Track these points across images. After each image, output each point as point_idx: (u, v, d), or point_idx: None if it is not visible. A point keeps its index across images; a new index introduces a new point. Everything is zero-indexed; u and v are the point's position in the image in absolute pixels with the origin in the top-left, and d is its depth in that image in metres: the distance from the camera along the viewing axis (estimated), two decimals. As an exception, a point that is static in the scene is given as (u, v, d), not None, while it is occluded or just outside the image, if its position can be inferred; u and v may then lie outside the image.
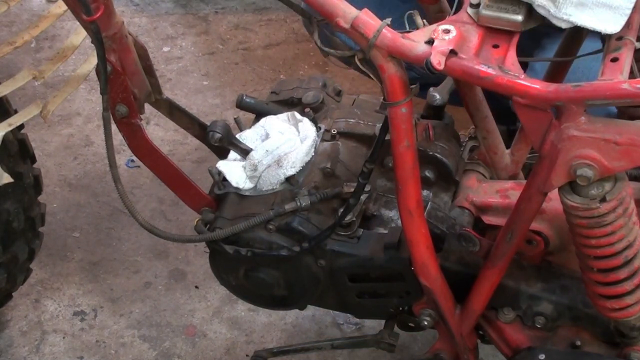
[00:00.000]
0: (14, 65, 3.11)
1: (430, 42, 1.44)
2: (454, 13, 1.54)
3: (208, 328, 2.45)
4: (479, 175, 1.85)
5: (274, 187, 1.83)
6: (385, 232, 1.81)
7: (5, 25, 3.37)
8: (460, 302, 1.78)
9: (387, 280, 1.82)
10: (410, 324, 1.92)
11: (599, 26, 1.42)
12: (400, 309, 1.89)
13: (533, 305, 1.75)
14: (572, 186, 1.48)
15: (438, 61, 1.41)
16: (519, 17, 1.45)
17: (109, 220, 2.72)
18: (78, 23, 1.75)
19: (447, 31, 1.45)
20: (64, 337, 2.43)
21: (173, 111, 1.98)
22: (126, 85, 1.78)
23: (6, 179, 2.00)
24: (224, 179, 1.86)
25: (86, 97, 3.11)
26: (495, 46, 1.46)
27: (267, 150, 1.81)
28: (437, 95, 1.89)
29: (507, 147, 1.91)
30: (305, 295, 1.90)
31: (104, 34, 1.68)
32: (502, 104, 1.84)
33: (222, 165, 1.86)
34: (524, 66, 1.44)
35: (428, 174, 1.81)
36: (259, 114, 1.96)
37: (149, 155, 1.89)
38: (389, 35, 1.47)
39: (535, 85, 1.40)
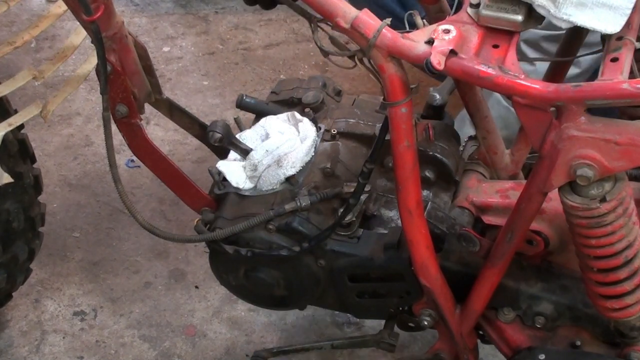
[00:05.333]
0: (14, 65, 3.11)
1: (430, 42, 1.44)
2: (454, 13, 1.54)
3: (208, 328, 2.45)
4: (479, 175, 1.85)
5: (274, 187, 1.83)
6: (385, 232, 1.81)
7: (5, 25, 3.37)
8: (460, 302, 1.78)
9: (387, 280, 1.82)
10: (410, 324, 1.92)
11: (599, 26, 1.42)
12: (400, 309, 1.89)
13: (533, 305, 1.75)
14: (572, 186, 1.48)
15: (438, 61, 1.41)
16: (519, 17, 1.45)
17: (109, 220, 2.72)
18: (78, 23, 1.75)
19: (447, 31, 1.45)
20: (64, 337, 2.43)
21: (173, 111, 1.98)
22: (126, 85, 1.78)
23: (6, 179, 2.00)
24: (224, 179, 1.86)
25: (86, 97, 3.11)
26: (495, 46, 1.46)
27: (267, 150, 1.81)
28: (437, 95, 1.89)
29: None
30: (305, 295, 1.90)
31: (104, 34, 1.68)
32: None
33: (222, 165, 1.86)
34: None
35: (428, 174, 1.81)
36: (259, 114, 1.96)
37: (149, 155, 1.89)
38: (389, 35, 1.47)
39: (535, 85, 1.40)
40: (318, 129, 1.90)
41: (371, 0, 1.75)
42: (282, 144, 1.82)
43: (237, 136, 1.86)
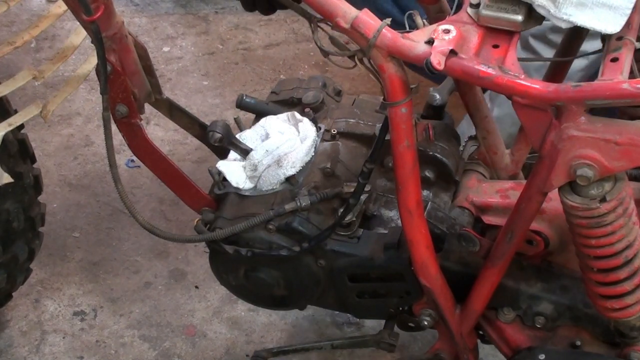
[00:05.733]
0: (14, 65, 3.11)
1: (430, 42, 1.44)
2: (454, 13, 1.54)
3: (208, 328, 2.45)
4: (479, 175, 1.85)
5: (274, 187, 1.83)
6: (385, 232, 1.81)
7: (5, 25, 3.37)
8: (460, 302, 1.78)
9: (387, 280, 1.82)
10: (410, 324, 1.92)
11: (599, 26, 1.42)
12: (400, 309, 1.88)
13: (533, 305, 1.75)
14: (572, 186, 1.48)
15: (438, 61, 1.41)
16: (519, 17, 1.45)
17: (109, 220, 2.72)
18: (78, 23, 1.75)
19: (447, 31, 1.45)
20: (64, 337, 2.43)
21: (173, 111, 1.98)
22: (126, 85, 1.78)
23: (6, 179, 2.00)
24: (224, 179, 1.86)
25: (86, 97, 3.11)
26: (495, 46, 1.46)
27: (267, 150, 1.81)
28: (437, 95, 1.89)
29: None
30: (305, 295, 1.90)
31: (104, 34, 1.68)
32: None
33: (222, 165, 1.86)
34: None
35: (428, 174, 1.81)
36: (259, 114, 1.96)
37: (149, 155, 1.89)
38: (389, 35, 1.47)
39: (535, 85, 1.40)
40: (318, 129, 1.90)
41: (369, 3, 1.75)
42: (282, 144, 1.82)
43: (237, 136, 1.86)
